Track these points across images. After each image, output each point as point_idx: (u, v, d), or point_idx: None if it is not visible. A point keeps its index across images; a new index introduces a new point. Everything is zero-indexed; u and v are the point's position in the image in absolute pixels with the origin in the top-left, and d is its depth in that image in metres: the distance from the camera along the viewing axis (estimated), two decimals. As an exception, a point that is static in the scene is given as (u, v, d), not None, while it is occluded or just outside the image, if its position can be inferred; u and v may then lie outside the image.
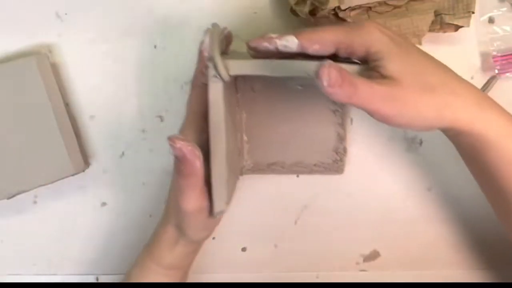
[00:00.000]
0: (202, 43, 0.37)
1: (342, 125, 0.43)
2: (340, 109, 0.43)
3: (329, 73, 0.29)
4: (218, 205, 0.36)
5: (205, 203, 0.36)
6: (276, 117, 0.43)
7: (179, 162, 0.34)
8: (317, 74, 0.29)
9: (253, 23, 0.46)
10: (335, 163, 0.43)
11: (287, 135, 0.43)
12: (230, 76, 0.34)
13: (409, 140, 0.46)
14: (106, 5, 0.45)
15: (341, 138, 0.43)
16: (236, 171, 0.43)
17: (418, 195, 0.47)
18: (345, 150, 0.43)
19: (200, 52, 0.37)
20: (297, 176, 0.45)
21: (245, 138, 0.44)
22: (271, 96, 0.43)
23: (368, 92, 0.32)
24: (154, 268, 0.40)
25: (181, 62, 0.46)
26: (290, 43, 0.33)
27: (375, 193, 0.47)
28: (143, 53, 0.46)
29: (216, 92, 0.35)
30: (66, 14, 0.46)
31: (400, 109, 0.33)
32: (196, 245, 0.42)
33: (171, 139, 0.34)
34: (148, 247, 0.41)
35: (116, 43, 0.46)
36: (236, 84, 0.44)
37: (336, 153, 0.43)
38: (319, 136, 0.43)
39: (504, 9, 0.44)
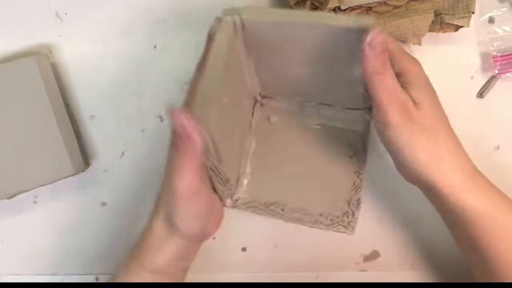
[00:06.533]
0: None
1: (359, 174, 0.39)
2: (359, 154, 0.40)
3: (378, 36, 0.31)
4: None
5: (199, 186, 0.33)
6: (287, 154, 0.40)
7: (179, 138, 0.32)
8: (367, 29, 0.31)
9: (253, 23, 0.46)
10: (345, 217, 0.37)
11: (295, 175, 0.39)
12: (243, 20, 0.32)
13: (409, 140, 0.46)
14: (106, 5, 0.45)
15: (356, 188, 0.38)
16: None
17: (418, 194, 0.47)
18: (359, 203, 0.38)
19: None
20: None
21: (248, 169, 0.40)
22: (286, 131, 0.41)
23: (391, 84, 0.33)
24: (138, 272, 0.36)
25: (181, 62, 0.46)
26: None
27: (375, 193, 0.47)
28: (143, 53, 0.46)
29: (225, 32, 0.32)
30: (66, 14, 0.46)
31: (404, 125, 0.33)
32: (187, 246, 0.37)
33: (172, 110, 0.31)
34: (132, 248, 0.37)
35: (116, 43, 0.46)
36: (253, 109, 0.43)
37: (348, 204, 0.38)
38: (331, 182, 0.39)
39: (504, 9, 0.44)
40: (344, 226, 0.37)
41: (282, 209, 0.38)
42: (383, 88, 0.33)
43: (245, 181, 0.40)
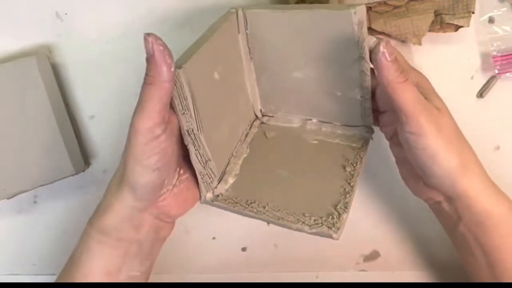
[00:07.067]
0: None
1: (351, 181, 0.38)
2: (353, 165, 0.39)
3: (389, 45, 0.32)
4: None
5: (161, 133, 0.31)
6: (279, 162, 0.40)
7: (147, 64, 0.31)
8: (377, 43, 0.32)
9: (253, 23, 0.46)
10: (330, 218, 0.35)
11: (283, 179, 0.39)
12: (245, 13, 0.37)
13: (409, 140, 0.46)
14: (106, 5, 0.45)
15: (346, 194, 0.37)
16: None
17: (418, 195, 0.47)
18: (347, 207, 0.35)
19: None
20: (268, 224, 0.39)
21: (237, 171, 0.40)
22: (282, 145, 0.41)
23: (415, 91, 0.33)
24: (89, 231, 0.35)
25: (181, 62, 0.46)
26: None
27: (375, 193, 0.47)
28: (143, 53, 0.46)
29: (227, 21, 0.37)
30: (66, 14, 0.46)
31: (436, 134, 0.33)
32: (140, 213, 0.34)
33: (147, 34, 0.30)
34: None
35: (116, 43, 0.46)
36: (252, 123, 0.44)
37: (335, 207, 0.35)
38: (319, 187, 0.38)
39: (504, 9, 0.44)
40: (328, 227, 0.34)
41: (264, 207, 0.37)
42: (409, 97, 0.32)
43: (231, 180, 0.39)
